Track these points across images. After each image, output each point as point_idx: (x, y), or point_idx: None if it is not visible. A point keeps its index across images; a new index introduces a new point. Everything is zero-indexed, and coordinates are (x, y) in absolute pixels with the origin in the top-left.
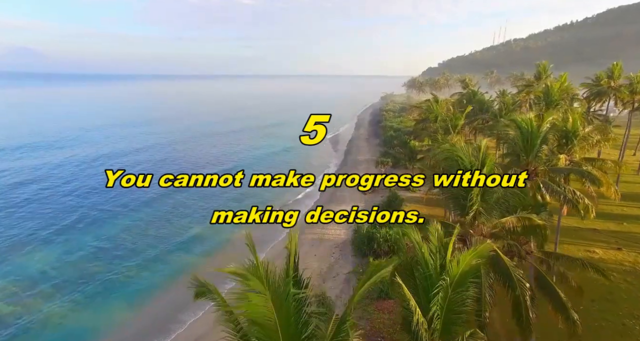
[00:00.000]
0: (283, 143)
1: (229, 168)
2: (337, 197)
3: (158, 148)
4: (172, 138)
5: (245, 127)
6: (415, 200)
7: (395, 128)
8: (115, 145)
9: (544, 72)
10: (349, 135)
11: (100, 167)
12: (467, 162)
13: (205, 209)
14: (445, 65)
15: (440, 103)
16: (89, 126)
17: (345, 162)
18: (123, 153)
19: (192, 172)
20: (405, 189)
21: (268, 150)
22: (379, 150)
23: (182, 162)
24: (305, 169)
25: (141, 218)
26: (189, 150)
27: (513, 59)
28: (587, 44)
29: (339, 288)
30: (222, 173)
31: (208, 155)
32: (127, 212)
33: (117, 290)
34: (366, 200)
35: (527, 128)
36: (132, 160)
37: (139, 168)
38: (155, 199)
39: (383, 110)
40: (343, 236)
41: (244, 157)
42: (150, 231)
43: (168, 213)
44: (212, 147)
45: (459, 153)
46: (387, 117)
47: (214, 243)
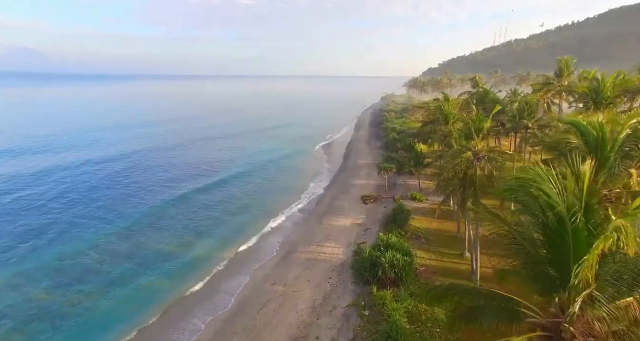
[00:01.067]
0: (279, 147)
1: (222, 176)
2: (335, 208)
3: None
4: (162, 143)
5: (240, 132)
6: (422, 212)
7: (397, 130)
8: (105, 150)
9: (566, 68)
10: (348, 137)
11: (92, 173)
12: (561, 202)
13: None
14: (445, 65)
15: (451, 102)
16: (82, 128)
17: (344, 167)
18: (109, 159)
19: (183, 181)
20: (410, 199)
21: (266, 156)
22: (381, 153)
23: (175, 169)
24: (297, 177)
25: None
26: (180, 156)
27: (514, 59)
28: (589, 44)
29: (335, 327)
30: (214, 182)
31: (202, 161)
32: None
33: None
34: (368, 211)
35: (597, 135)
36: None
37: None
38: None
39: (384, 110)
40: (341, 255)
41: (241, 163)
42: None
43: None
44: (206, 152)
45: (542, 187)
46: (389, 118)
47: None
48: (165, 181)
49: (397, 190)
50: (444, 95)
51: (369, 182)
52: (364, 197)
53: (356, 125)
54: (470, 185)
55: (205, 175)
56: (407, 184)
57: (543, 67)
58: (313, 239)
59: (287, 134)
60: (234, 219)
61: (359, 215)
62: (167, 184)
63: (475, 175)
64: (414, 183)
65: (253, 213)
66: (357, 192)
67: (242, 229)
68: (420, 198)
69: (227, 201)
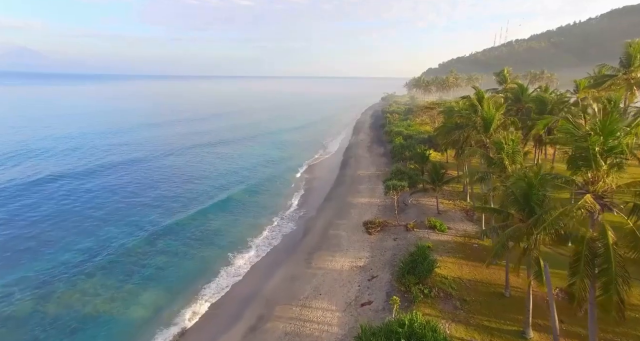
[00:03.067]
0: (269, 153)
1: (206, 187)
2: (329, 239)
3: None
4: (151, 149)
5: (233, 139)
6: (447, 248)
7: (404, 134)
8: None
9: (638, 55)
10: (346, 142)
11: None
12: None
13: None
14: (446, 66)
15: (486, 100)
16: (77, 132)
17: (342, 179)
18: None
19: (170, 195)
20: (428, 228)
21: (256, 159)
22: (384, 161)
23: (163, 180)
24: (279, 193)
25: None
26: (172, 166)
27: (516, 59)
28: (594, 43)
29: None
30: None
31: (189, 174)
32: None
33: None
34: (373, 246)
35: None
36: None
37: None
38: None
39: (386, 112)
40: (336, 327)
41: (228, 174)
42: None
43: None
44: (193, 163)
45: None
46: (392, 120)
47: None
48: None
49: (409, 213)
50: (477, 91)
51: (372, 201)
52: (367, 224)
53: (355, 127)
54: (600, 263)
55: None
56: (421, 204)
57: (548, 67)
58: (297, 294)
59: (285, 139)
60: (193, 256)
61: (361, 251)
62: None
63: (609, 249)
64: (430, 203)
65: (219, 245)
66: (357, 216)
67: (196, 275)
68: (441, 228)
69: (190, 230)
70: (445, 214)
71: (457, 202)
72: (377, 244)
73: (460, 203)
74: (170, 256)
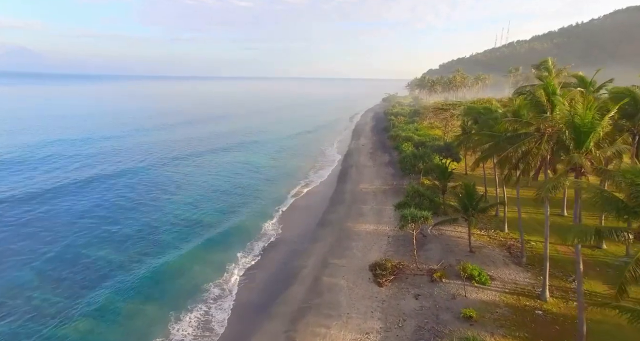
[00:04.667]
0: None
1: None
2: (323, 298)
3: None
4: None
5: (228, 146)
6: (498, 320)
7: (415, 141)
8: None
9: None
10: (345, 147)
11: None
12: None
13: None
14: (446, 66)
15: (563, 95)
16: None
17: (340, 196)
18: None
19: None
20: (463, 278)
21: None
22: (392, 172)
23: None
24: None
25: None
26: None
27: (518, 60)
28: (596, 44)
29: None
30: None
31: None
32: None
33: None
34: (385, 307)
35: None
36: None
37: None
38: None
39: (389, 113)
40: None
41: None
42: None
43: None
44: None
45: None
46: (397, 124)
47: None
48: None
49: (430, 249)
50: (545, 83)
51: (379, 229)
52: (376, 268)
53: (355, 130)
54: None
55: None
56: (445, 236)
57: None
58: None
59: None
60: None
61: (369, 319)
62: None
63: None
64: (455, 235)
65: (158, 304)
66: (361, 252)
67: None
68: (481, 279)
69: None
70: (479, 252)
71: (492, 233)
72: (392, 305)
73: (496, 236)
74: None
